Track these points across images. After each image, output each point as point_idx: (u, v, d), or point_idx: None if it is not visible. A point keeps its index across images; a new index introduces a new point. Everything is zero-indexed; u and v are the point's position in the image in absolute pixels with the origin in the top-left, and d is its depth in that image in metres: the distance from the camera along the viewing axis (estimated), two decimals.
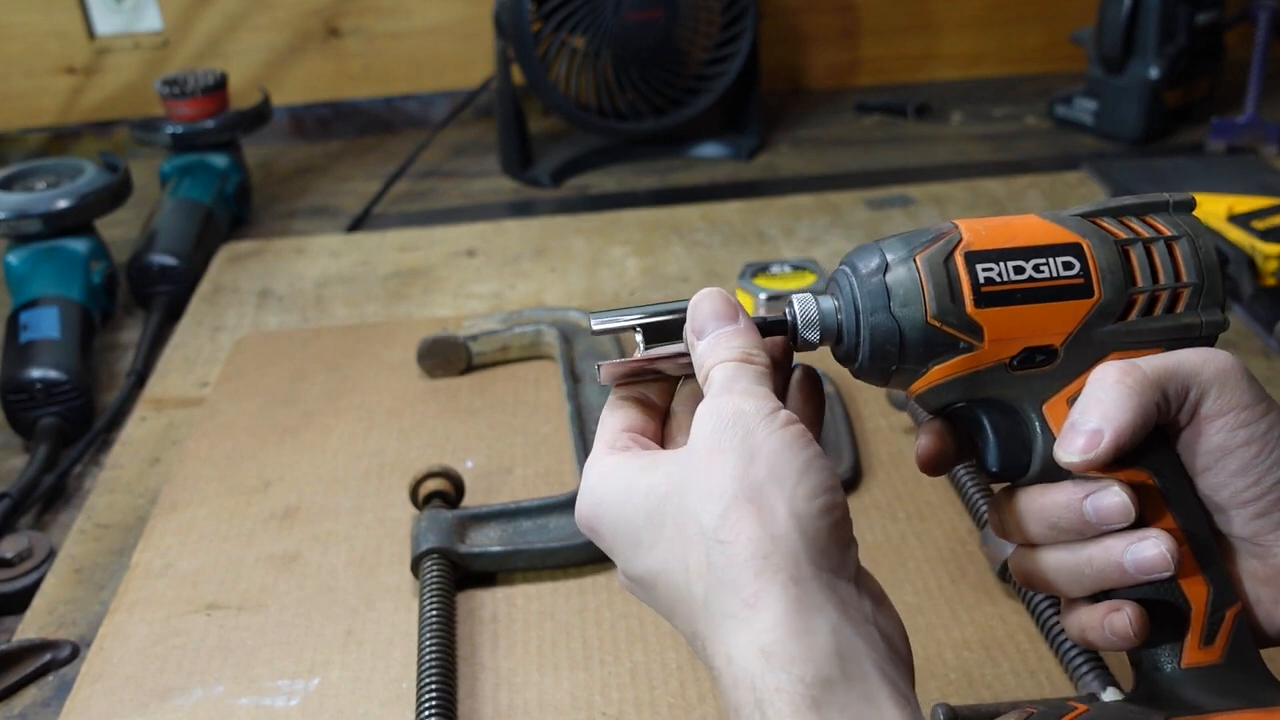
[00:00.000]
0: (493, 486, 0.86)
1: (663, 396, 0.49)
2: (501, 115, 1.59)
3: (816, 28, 1.87)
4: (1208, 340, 0.47)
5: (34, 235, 1.17)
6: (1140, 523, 0.44)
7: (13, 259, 1.17)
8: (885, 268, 0.45)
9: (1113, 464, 0.44)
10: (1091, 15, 1.60)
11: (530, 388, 0.99)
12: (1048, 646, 0.68)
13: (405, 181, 1.59)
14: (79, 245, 1.19)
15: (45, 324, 1.09)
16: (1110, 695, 0.61)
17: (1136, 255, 0.46)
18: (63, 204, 1.17)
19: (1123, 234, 0.47)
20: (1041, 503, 0.46)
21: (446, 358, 1.01)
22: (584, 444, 0.87)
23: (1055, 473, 0.45)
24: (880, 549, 0.78)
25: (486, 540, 0.77)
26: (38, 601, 0.81)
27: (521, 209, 1.52)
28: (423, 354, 1.01)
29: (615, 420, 0.47)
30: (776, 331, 0.48)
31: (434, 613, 0.71)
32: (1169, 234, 0.47)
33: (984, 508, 0.77)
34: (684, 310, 0.46)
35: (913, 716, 0.38)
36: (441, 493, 0.80)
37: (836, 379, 0.94)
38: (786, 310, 0.48)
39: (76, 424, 1.04)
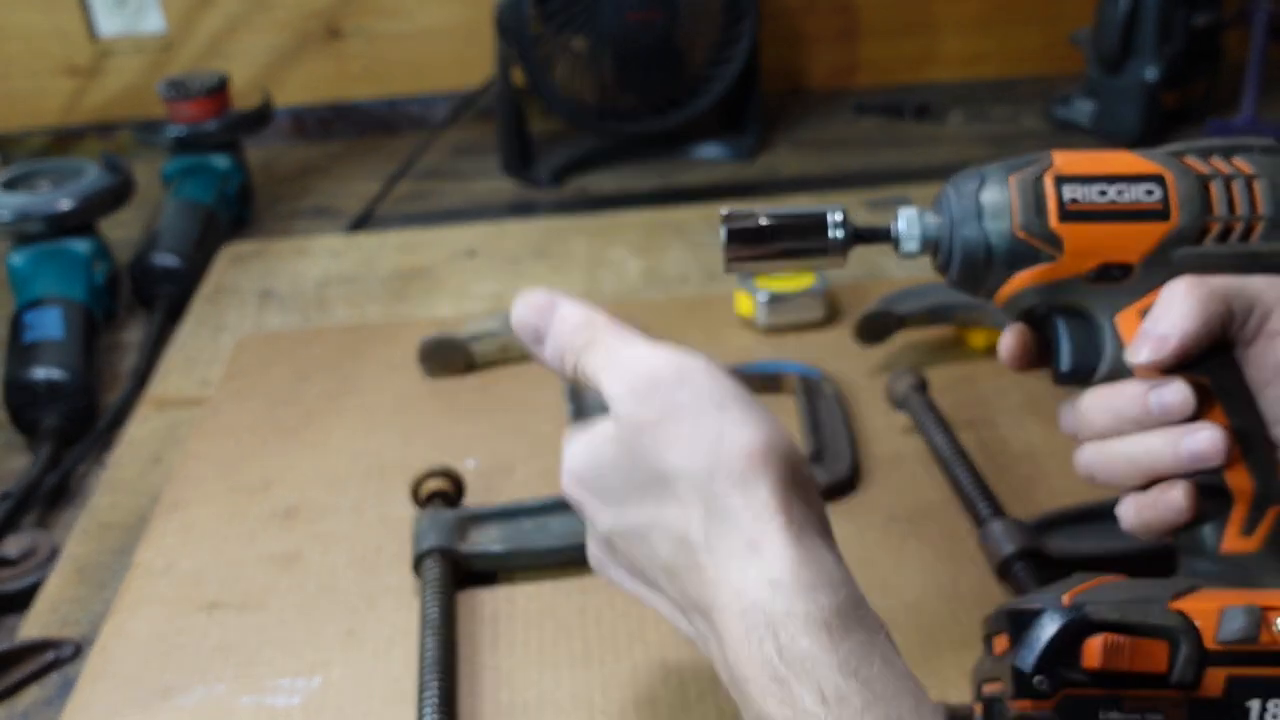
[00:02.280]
0: (494, 486, 0.86)
1: None
2: (502, 116, 1.59)
3: (816, 28, 1.87)
4: (1277, 269, 0.51)
5: (37, 236, 1.17)
6: (1194, 418, 0.48)
7: (16, 259, 1.17)
8: (982, 186, 0.50)
9: (1176, 368, 0.48)
10: (1089, 16, 1.60)
11: (530, 388, 1.00)
12: None
13: (406, 182, 1.60)
14: (81, 246, 1.19)
15: (48, 324, 1.09)
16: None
17: (1216, 189, 0.50)
18: (65, 205, 1.17)
19: (1206, 169, 0.51)
20: (1110, 395, 0.50)
21: (447, 358, 1.01)
22: None
23: (1121, 376, 0.50)
24: (880, 549, 0.78)
25: (487, 540, 0.78)
26: (40, 600, 0.81)
27: (522, 209, 1.52)
28: (424, 354, 1.01)
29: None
30: (882, 238, 0.52)
31: (435, 612, 0.71)
32: (1250, 172, 0.51)
33: (984, 508, 0.77)
34: (804, 213, 0.52)
35: (898, 657, 0.41)
36: (442, 492, 0.81)
37: (836, 379, 0.94)
38: (893, 222, 0.52)
39: (79, 424, 1.05)
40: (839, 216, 0.52)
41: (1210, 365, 0.49)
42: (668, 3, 1.50)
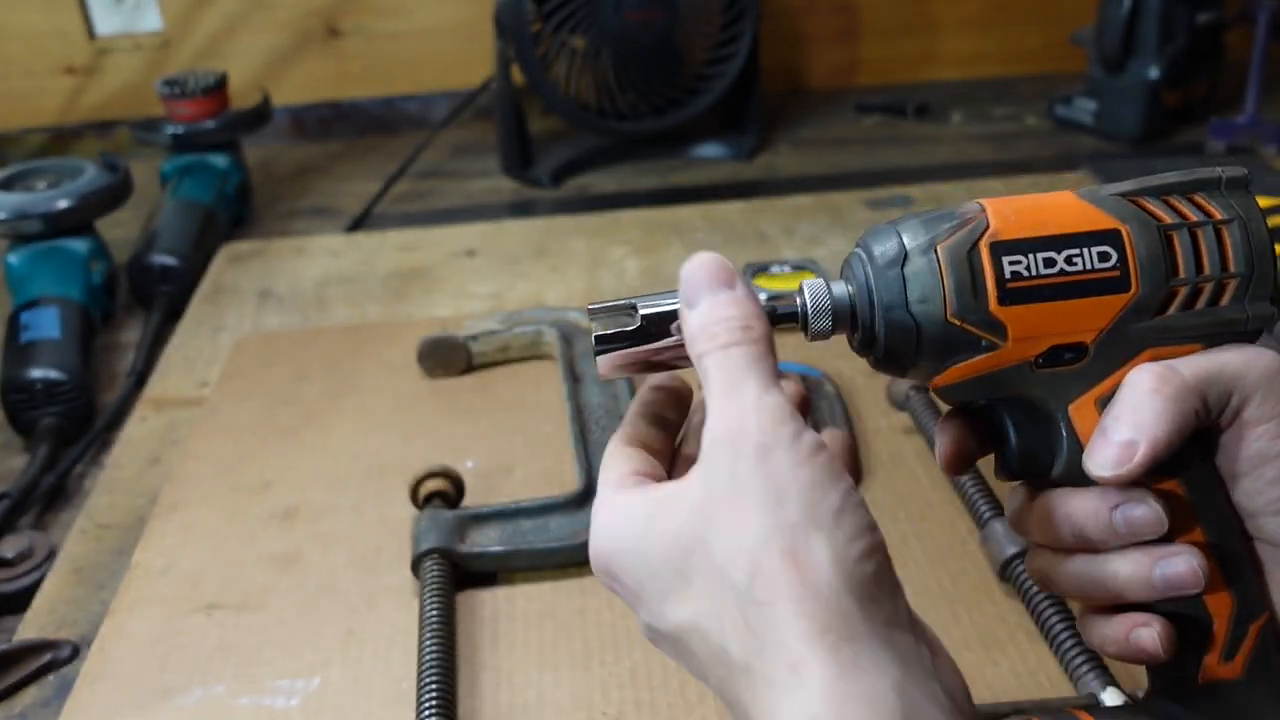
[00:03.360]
0: (493, 486, 0.86)
1: (676, 411, 0.45)
2: (501, 115, 1.59)
3: (816, 28, 1.87)
4: (1252, 335, 0.44)
5: (34, 235, 1.17)
6: (1168, 534, 0.42)
7: (13, 259, 1.17)
8: (904, 259, 0.42)
9: (1144, 476, 0.42)
10: (1091, 15, 1.60)
11: (530, 388, 0.99)
12: (1047, 647, 0.68)
13: (405, 182, 1.60)
14: (79, 245, 1.19)
15: (46, 324, 1.09)
16: (1110, 696, 0.61)
17: (1180, 242, 0.42)
18: (63, 204, 1.17)
19: (1168, 217, 0.42)
20: (1067, 508, 0.43)
21: (447, 358, 1.01)
22: (584, 444, 0.87)
23: (1079, 477, 0.43)
24: None
25: (487, 540, 0.77)
26: (38, 601, 0.81)
27: (521, 209, 1.52)
28: (423, 354, 1.01)
29: (620, 463, 0.43)
30: (785, 319, 0.44)
31: (434, 612, 0.71)
32: (1219, 217, 0.43)
33: (984, 508, 0.77)
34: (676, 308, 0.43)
35: None
36: (442, 493, 0.80)
37: (836, 379, 0.94)
38: (797, 297, 0.44)
39: (77, 424, 1.04)
40: None
41: (1180, 463, 0.42)
42: (668, 2, 1.49)
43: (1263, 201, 1.21)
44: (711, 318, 0.41)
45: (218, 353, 1.10)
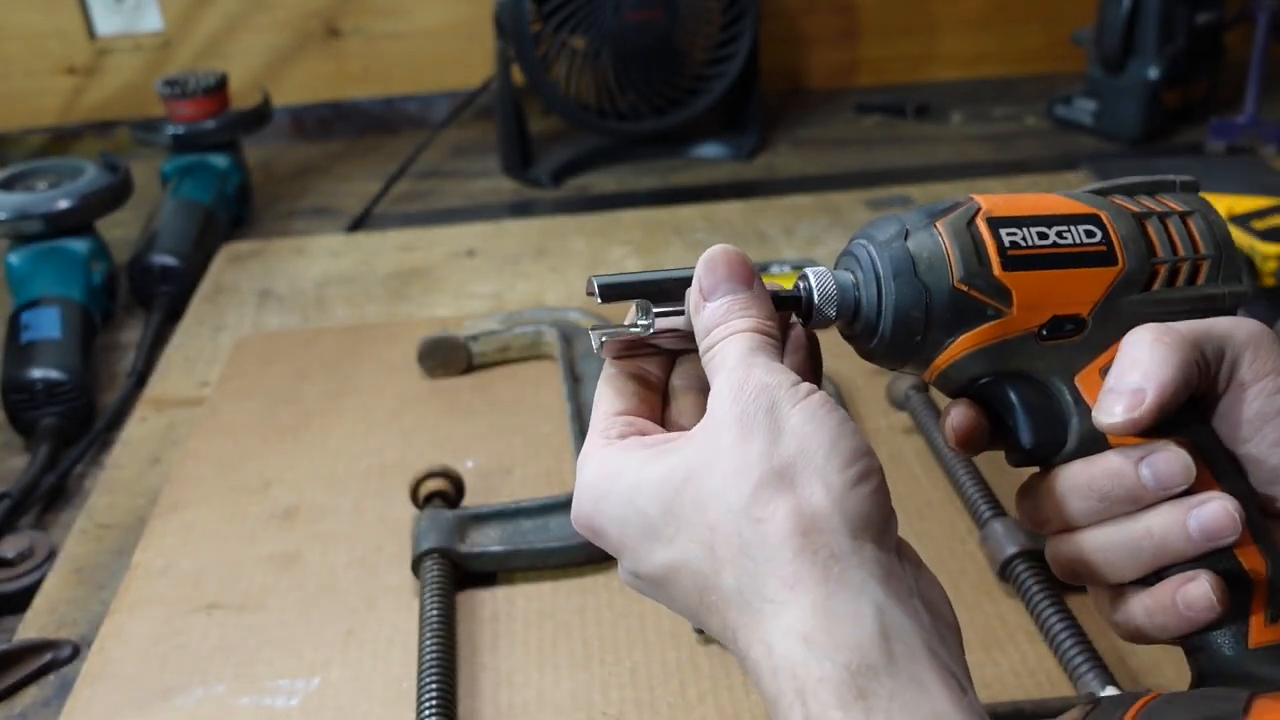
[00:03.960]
0: (493, 486, 0.86)
1: (661, 370, 0.45)
2: (501, 115, 1.59)
3: (816, 28, 1.87)
4: (1231, 311, 0.46)
5: (35, 235, 1.17)
6: (1190, 491, 0.41)
7: (14, 259, 1.17)
8: (906, 234, 0.43)
9: (1153, 430, 0.41)
10: (1091, 15, 1.60)
11: (530, 388, 0.99)
12: (1047, 646, 0.68)
13: (405, 182, 1.60)
14: (80, 245, 1.19)
15: (46, 324, 1.09)
16: (1110, 694, 0.61)
17: (1153, 227, 0.45)
18: (63, 204, 1.17)
19: (1137, 209, 0.46)
20: (1089, 474, 0.42)
21: (447, 358, 1.01)
22: (584, 444, 0.87)
23: (1094, 446, 0.43)
24: None
25: (487, 540, 0.77)
26: (38, 601, 0.81)
27: (521, 209, 1.52)
28: (423, 354, 1.01)
29: (609, 403, 0.44)
30: (789, 307, 0.44)
31: (434, 612, 0.71)
32: (1181, 210, 0.46)
33: (984, 508, 0.77)
34: (689, 277, 0.44)
35: (964, 698, 0.35)
36: (442, 493, 0.80)
37: (836, 379, 0.94)
38: (801, 284, 0.45)
39: (77, 424, 1.04)
40: None
41: (1185, 423, 0.42)
42: (668, 2, 1.49)
43: (1262, 201, 1.20)
44: (730, 312, 0.42)
45: (218, 353, 1.10)
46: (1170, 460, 0.41)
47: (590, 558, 0.77)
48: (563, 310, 1.06)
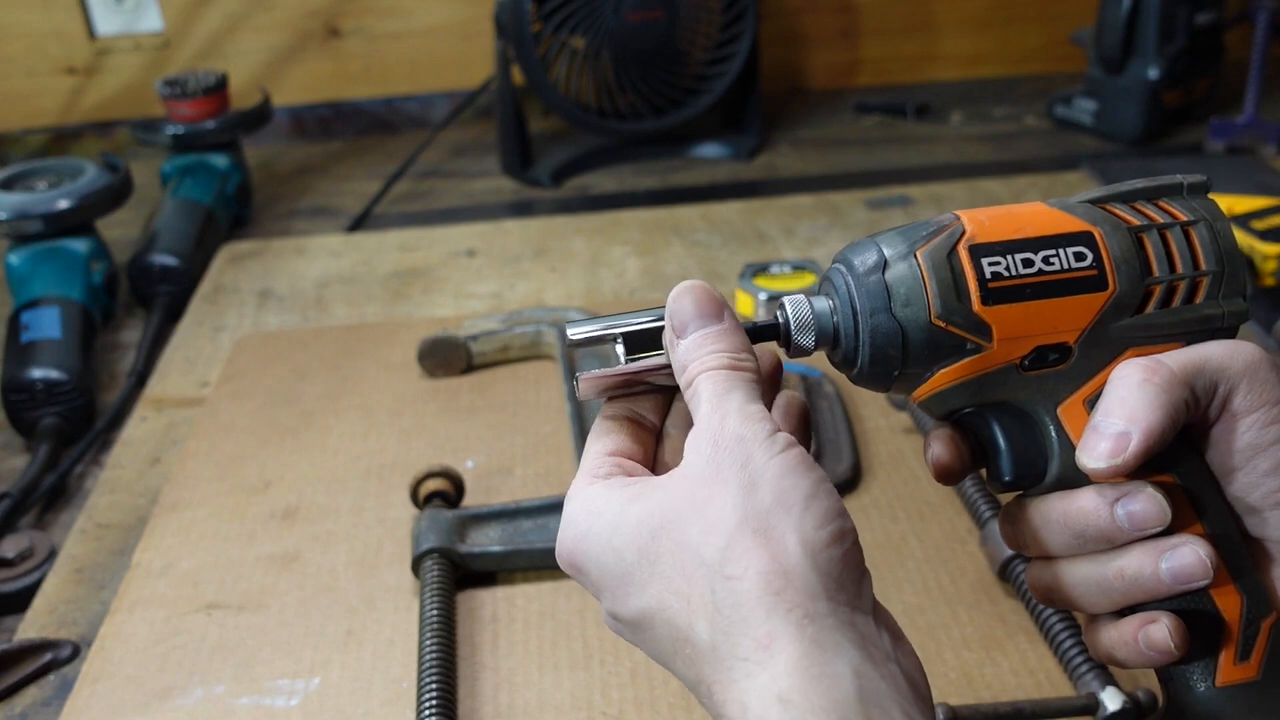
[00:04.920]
0: (493, 486, 0.86)
1: (656, 413, 0.45)
2: (502, 115, 1.59)
3: (816, 28, 1.87)
4: (1229, 331, 0.44)
5: (35, 235, 1.17)
6: (1168, 531, 0.42)
7: (14, 259, 1.17)
8: (884, 265, 0.42)
9: (1139, 470, 0.41)
10: (1091, 15, 1.60)
11: (530, 388, 0.99)
12: (1048, 646, 0.68)
13: (405, 181, 1.60)
14: (80, 245, 1.19)
15: (46, 324, 1.09)
16: (1109, 695, 0.61)
17: (1151, 243, 0.43)
18: (64, 204, 1.17)
19: (1136, 220, 0.43)
20: (1064, 510, 0.43)
21: (447, 358, 1.01)
22: (583, 444, 0.87)
23: (1074, 479, 0.42)
24: (880, 549, 0.78)
25: (487, 540, 0.77)
26: (38, 601, 0.81)
27: (521, 209, 1.52)
28: (423, 354, 1.01)
29: (600, 444, 0.43)
30: (768, 336, 0.44)
31: (434, 612, 0.71)
32: (1185, 219, 0.44)
33: (984, 508, 0.77)
34: (658, 317, 0.43)
35: None
36: (442, 492, 0.80)
37: (836, 379, 0.94)
38: (778, 313, 0.44)
39: (77, 424, 1.04)
40: None
41: (1172, 459, 0.42)
42: (668, 2, 1.49)
43: (1261, 201, 1.20)
44: (702, 349, 0.41)
45: (218, 353, 1.10)
46: (1146, 504, 0.41)
47: None
48: (563, 310, 1.06)
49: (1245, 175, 1.33)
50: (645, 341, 0.43)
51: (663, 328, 0.43)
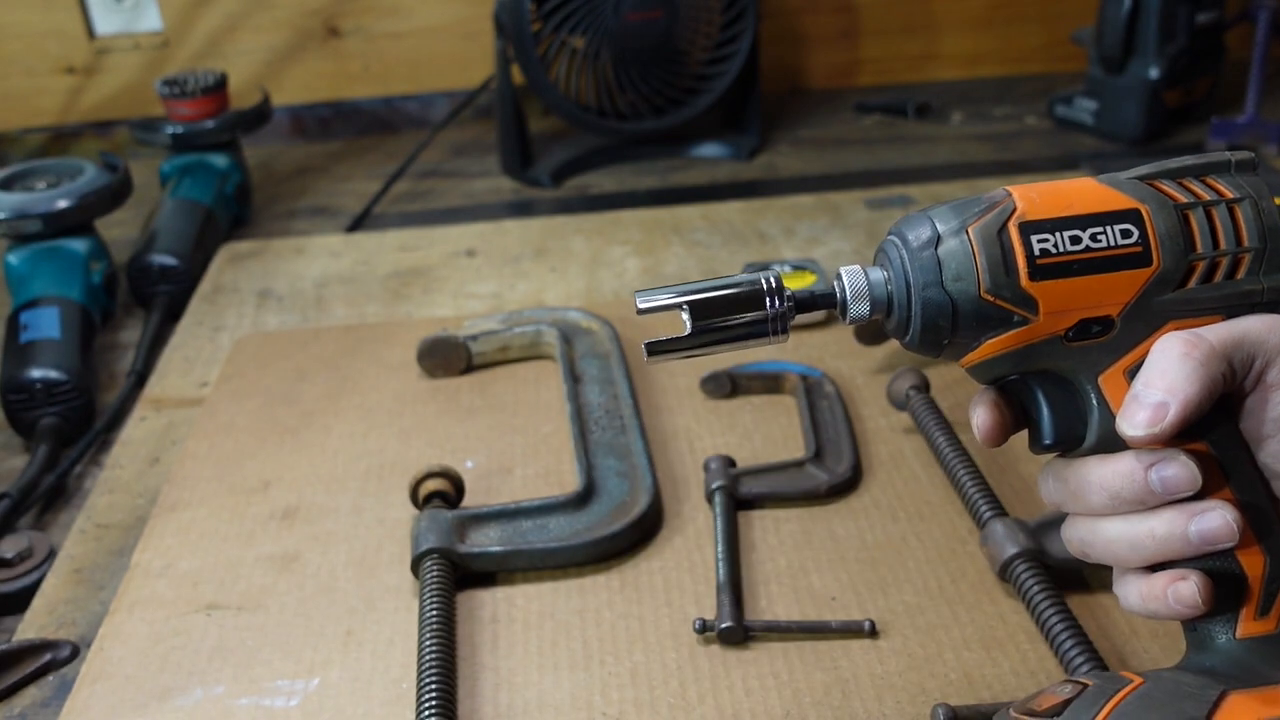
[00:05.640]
0: (493, 486, 0.86)
1: None
2: (501, 115, 1.59)
3: (816, 28, 1.87)
4: (1270, 306, 0.46)
5: (34, 235, 1.17)
6: (1198, 495, 0.44)
7: (13, 259, 1.17)
8: (937, 240, 0.44)
9: (1174, 438, 0.44)
10: (1091, 15, 1.60)
11: (530, 388, 0.99)
12: (1048, 646, 0.68)
13: (405, 181, 1.59)
14: (79, 245, 1.19)
15: (45, 324, 1.09)
16: (1096, 677, 0.61)
17: (1196, 220, 0.45)
18: (63, 204, 1.17)
19: (1183, 198, 0.45)
20: (1102, 473, 0.45)
21: (446, 358, 1.01)
22: (584, 444, 0.87)
23: (1112, 444, 0.45)
24: (880, 549, 0.78)
25: (486, 540, 0.77)
26: (37, 601, 0.81)
27: (521, 209, 1.52)
28: (423, 354, 1.01)
29: None
30: (825, 305, 0.46)
31: (434, 613, 0.71)
32: (1231, 196, 0.45)
33: (984, 508, 0.77)
34: (733, 285, 0.45)
35: None
36: (441, 493, 0.80)
37: (837, 379, 0.94)
38: (835, 283, 0.46)
39: (76, 424, 1.04)
40: (773, 283, 0.45)
41: (1207, 427, 0.44)
42: (668, 2, 1.49)
43: None
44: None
45: (217, 353, 1.10)
46: (1179, 470, 0.44)
47: (590, 558, 0.76)
48: (563, 310, 1.06)
49: None
50: (710, 311, 0.45)
51: (728, 298, 0.45)
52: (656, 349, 0.45)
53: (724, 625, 0.69)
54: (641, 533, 0.79)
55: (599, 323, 1.04)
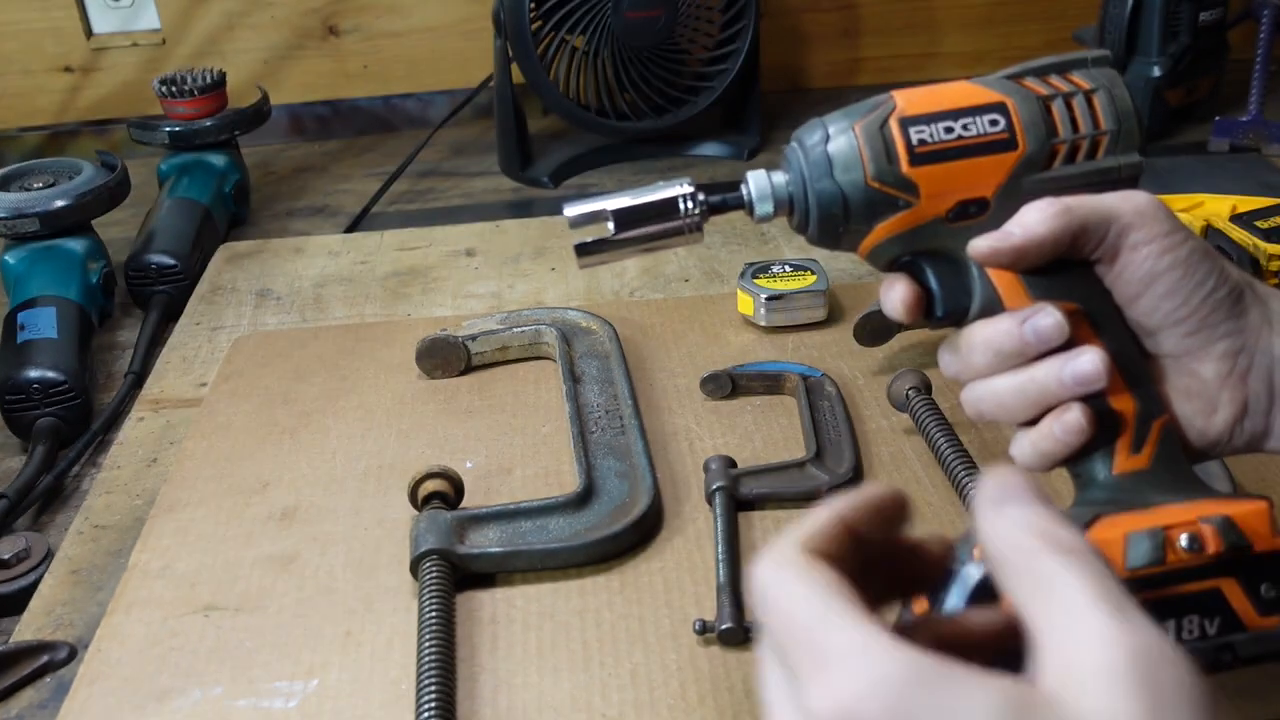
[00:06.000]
0: (492, 487, 0.86)
1: (884, 528, 0.39)
2: (501, 115, 1.58)
3: (816, 27, 1.86)
4: (1128, 182, 0.52)
5: (31, 235, 1.16)
6: (1072, 345, 0.50)
7: (10, 259, 1.16)
8: (827, 139, 0.50)
9: (1039, 290, 0.50)
10: (1093, 14, 1.59)
11: (530, 388, 0.99)
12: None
13: (404, 181, 1.59)
14: (76, 245, 1.18)
15: (43, 324, 1.09)
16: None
17: (1057, 108, 0.51)
18: (60, 203, 1.16)
19: (1044, 90, 0.51)
20: (985, 333, 0.51)
21: (446, 358, 1.01)
22: (584, 444, 0.87)
23: (994, 309, 0.51)
24: None
25: (486, 541, 0.77)
26: (35, 603, 0.81)
27: (521, 209, 1.51)
28: (422, 354, 1.00)
29: (847, 602, 0.33)
30: (734, 206, 0.53)
31: (433, 614, 0.70)
32: (1088, 87, 0.52)
33: None
34: (652, 192, 0.51)
35: None
36: (441, 493, 0.80)
37: (837, 380, 0.93)
38: (742, 187, 0.52)
39: (74, 424, 1.04)
40: (688, 189, 0.52)
41: (1077, 289, 0.50)
42: (668, 1, 1.49)
43: (1263, 201, 1.18)
44: (1035, 527, 0.34)
45: (215, 353, 1.10)
46: (1047, 319, 0.50)
47: (590, 559, 0.76)
48: (562, 310, 1.06)
49: (1249, 174, 1.32)
50: (635, 219, 0.52)
51: (651, 206, 0.52)
52: (585, 250, 0.51)
53: (724, 626, 0.69)
54: (641, 533, 0.78)
55: (599, 323, 1.03)
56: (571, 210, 0.51)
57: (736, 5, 1.53)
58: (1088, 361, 0.49)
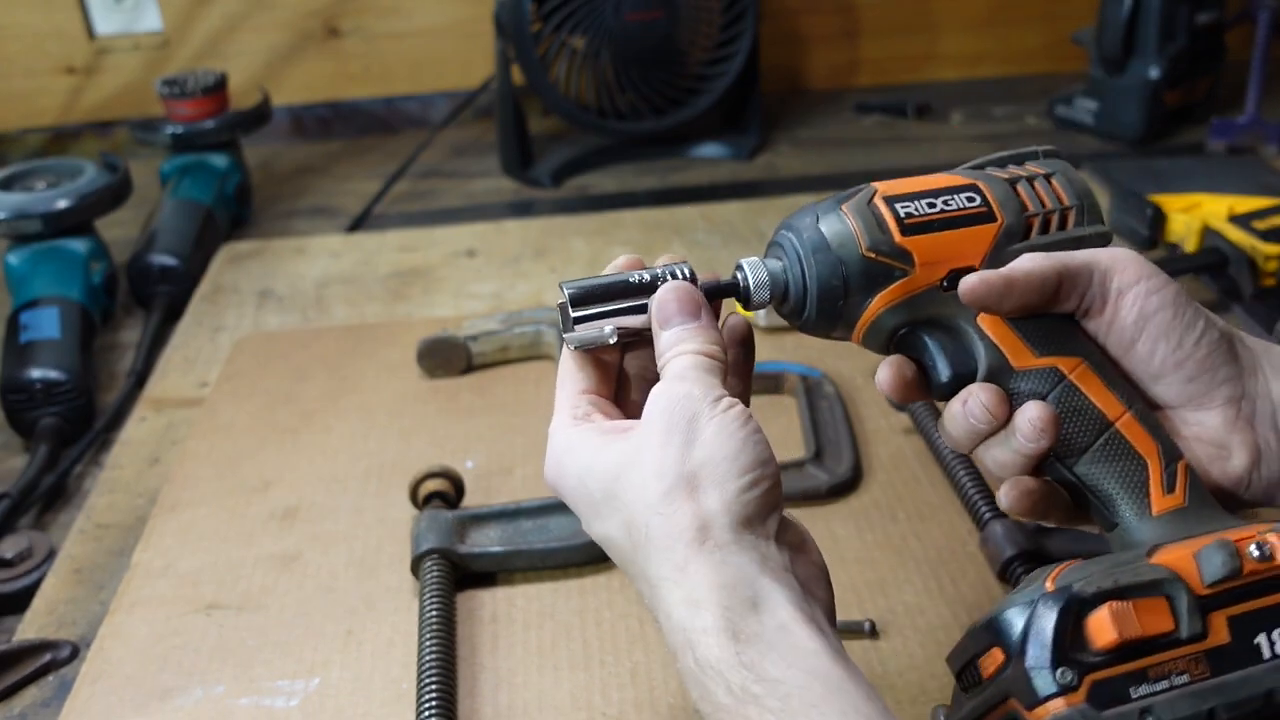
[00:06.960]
0: (493, 487, 0.86)
1: (614, 356, 0.54)
2: (501, 115, 1.59)
3: (816, 28, 1.87)
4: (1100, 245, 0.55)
5: (34, 235, 1.17)
6: (1084, 400, 0.51)
7: (13, 259, 1.17)
8: (818, 219, 0.53)
9: (1037, 343, 0.51)
10: (1092, 15, 1.60)
11: (530, 388, 0.99)
12: None
13: (405, 181, 1.59)
14: (79, 245, 1.19)
15: (45, 324, 1.09)
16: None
17: (1023, 189, 0.54)
18: (63, 204, 1.17)
19: (1008, 176, 0.55)
20: (952, 415, 0.52)
21: (446, 358, 1.01)
22: None
23: (1000, 375, 0.52)
24: (880, 549, 0.77)
25: (486, 540, 0.77)
26: (38, 602, 0.81)
27: (521, 209, 1.52)
28: (423, 354, 1.01)
29: (574, 383, 0.52)
30: (730, 293, 0.54)
31: (434, 613, 0.71)
32: (1044, 172, 0.56)
33: (984, 508, 0.77)
34: (644, 289, 0.52)
35: (825, 637, 0.44)
36: (441, 493, 0.80)
37: (837, 380, 0.94)
38: (738, 274, 0.54)
39: (76, 424, 1.04)
40: (686, 272, 0.53)
41: (1078, 344, 0.52)
42: (668, 2, 1.49)
43: (1262, 201, 1.19)
44: (679, 339, 0.50)
45: (217, 353, 1.10)
46: (976, 401, 0.51)
47: (590, 558, 0.76)
48: None
49: (1246, 175, 1.33)
50: (624, 299, 0.52)
51: (644, 294, 0.52)
52: (580, 345, 0.51)
53: None
54: None
55: None
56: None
57: (736, 6, 1.53)
58: (1025, 420, 0.50)
